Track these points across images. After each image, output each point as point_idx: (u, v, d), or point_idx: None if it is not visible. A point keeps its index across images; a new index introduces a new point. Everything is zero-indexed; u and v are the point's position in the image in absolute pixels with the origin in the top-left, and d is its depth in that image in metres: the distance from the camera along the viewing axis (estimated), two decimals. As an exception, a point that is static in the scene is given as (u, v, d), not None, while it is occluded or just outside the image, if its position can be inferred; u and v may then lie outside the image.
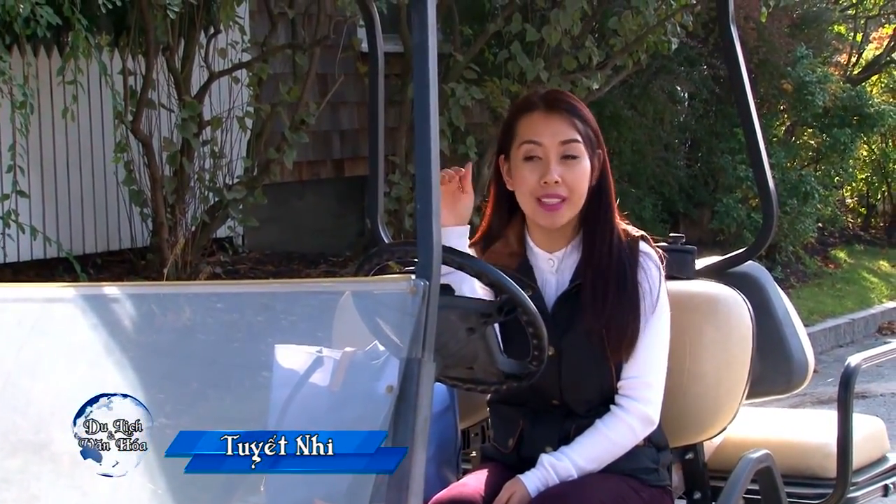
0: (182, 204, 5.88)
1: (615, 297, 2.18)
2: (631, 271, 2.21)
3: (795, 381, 2.60)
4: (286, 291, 1.90)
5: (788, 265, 8.58)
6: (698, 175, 9.06)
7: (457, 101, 6.35)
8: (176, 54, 5.85)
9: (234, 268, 6.41)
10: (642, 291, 2.20)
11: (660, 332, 2.21)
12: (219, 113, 6.15)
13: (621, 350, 2.19)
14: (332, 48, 6.62)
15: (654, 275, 2.22)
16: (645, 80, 8.46)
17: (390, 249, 2.07)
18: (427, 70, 1.65)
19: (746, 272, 2.64)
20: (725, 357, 2.36)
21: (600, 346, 2.20)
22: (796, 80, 8.67)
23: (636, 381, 2.20)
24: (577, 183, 2.22)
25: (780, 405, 3.99)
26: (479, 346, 1.91)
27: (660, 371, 2.22)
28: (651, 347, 2.20)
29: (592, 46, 6.55)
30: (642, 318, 2.19)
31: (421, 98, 1.66)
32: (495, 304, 1.89)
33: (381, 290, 1.77)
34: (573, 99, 2.28)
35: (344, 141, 7.50)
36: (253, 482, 1.51)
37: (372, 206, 2.70)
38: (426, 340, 1.62)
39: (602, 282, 2.20)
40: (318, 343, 1.96)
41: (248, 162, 6.15)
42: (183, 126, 5.73)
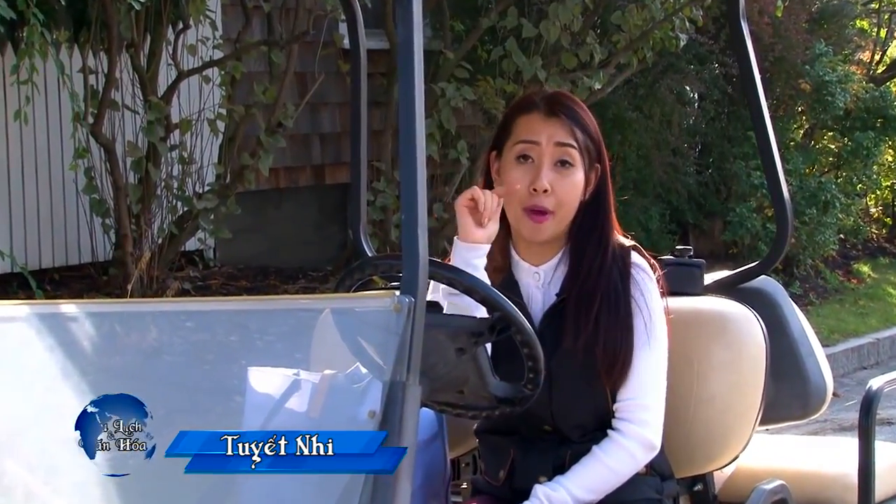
0: (148, 214, 5.89)
1: (604, 315, 2.20)
2: (623, 286, 2.23)
3: (812, 406, 2.62)
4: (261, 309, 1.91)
5: (807, 280, 8.62)
6: (709, 182, 9.09)
7: (447, 103, 6.38)
8: (141, 51, 5.86)
9: (205, 283, 6.41)
10: (636, 307, 2.22)
11: (656, 350, 2.23)
12: (188, 115, 6.16)
13: (614, 371, 2.20)
14: (311, 45, 6.64)
15: (648, 288, 2.24)
16: (651, 79, 8.50)
17: (374, 263, 2.08)
18: (413, 69, 1.67)
19: (759, 288, 2.65)
20: (736, 379, 2.37)
21: (592, 366, 2.21)
22: (815, 80, 8.72)
23: (632, 403, 2.22)
24: (566, 195, 2.24)
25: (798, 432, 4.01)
26: (470, 368, 1.92)
27: (658, 391, 2.23)
28: (647, 366, 2.21)
29: (594, 43, 6.59)
30: (636, 335, 2.21)
31: (406, 99, 1.67)
32: (487, 323, 1.90)
33: (363, 308, 1.78)
34: (577, 105, 2.30)
35: (325, 145, 7.52)
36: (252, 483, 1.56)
37: (354, 216, 2.72)
38: (412, 362, 1.64)
39: (588, 296, 2.21)
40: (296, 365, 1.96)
41: (220, 168, 6.16)
42: (149, 129, 5.74)
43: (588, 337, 2.20)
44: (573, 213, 2.26)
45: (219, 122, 6.12)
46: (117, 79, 5.74)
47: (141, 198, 5.85)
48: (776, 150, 2.62)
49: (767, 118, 2.62)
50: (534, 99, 2.30)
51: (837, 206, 8.61)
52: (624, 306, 2.21)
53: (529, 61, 6.42)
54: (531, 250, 2.29)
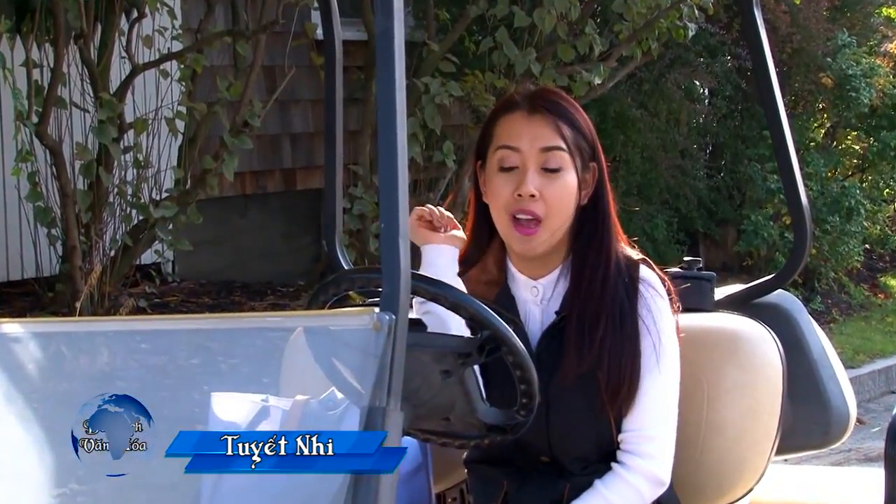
0: (99, 224, 5.88)
1: (609, 335, 2.20)
2: (630, 304, 2.23)
3: (834, 434, 2.63)
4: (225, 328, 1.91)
5: (830, 295, 8.66)
6: (721, 187, 9.14)
7: (431, 99, 6.40)
8: (91, 43, 5.87)
9: (163, 300, 6.40)
10: (644, 327, 2.22)
11: (666, 376, 2.23)
12: (144, 114, 6.16)
13: (619, 398, 2.21)
14: (280, 35, 6.66)
15: (658, 306, 2.25)
16: (657, 73, 8.55)
17: (350, 277, 2.09)
18: (393, 62, 1.68)
19: (775, 303, 2.67)
20: (750, 404, 2.39)
21: (594, 391, 2.22)
22: (837, 74, 8.77)
23: (639, 435, 2.22)
24: (556, 200, 2.24)
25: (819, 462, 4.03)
26: (457, 393, 1.93)
27: (668, 422, 2.24)
28: (656, 394, 2.22)
29: (594, 34, 6.62)
30: (644, 359, 2.21)
31: (386, 95, 1.68)
32: (475, 343, 1.91)
33: (338, 326, 1.79)
34: (564, 99, 2.30)
35: (296, 147, 7.53)
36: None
37: (329, 225, 2.73)
38: (392, 385, 1.64)
39: (591, 315, 2.22)
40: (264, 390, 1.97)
41: (180, 173, 6.16)
42: (100, 129, 5.74)
43: (591, 360, 2.20)
44: (568, 221, 2.26)
45: (178, 121, 6.13)
46: (65, 73, 5.74)
47: (91, 206, 5.84)
48: (793, 152, 2.64)
49: (784, 116, 2.63)
50: (515, 98, 2.30)
51: (862, 212, 8.65)
52: (631, 326, 2.22)
53: (522, 54, 6.45)
54: (529, 263, 2.30)
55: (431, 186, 6.87)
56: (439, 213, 2.30)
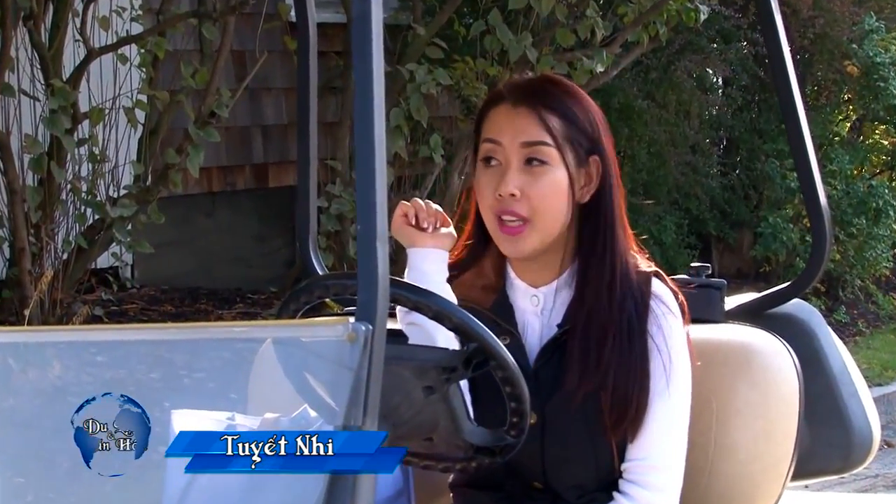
0: (50, 223, 5.88)
1: (616, 353, 2.20)
2: (639, 320, 2.23)
3: (855, 457, 2.65)
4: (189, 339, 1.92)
5: (855, 305, 8.69)
6: (736, 186, 9.16)
7: (417, 88, 6.41)
8: (42, 24, 5.87)
9: (121, 308, 6.39)
10: (653, 347, 2.22)
11: (676, 401, 2.23)
12: (100, 103, 6.16)
13: (624, 422, 2.21)
14: (251, 17, 6.66)
15: (670, 324, 2.24)
16: (665, 61, 8.57)
17: (323, 284, 2.10)
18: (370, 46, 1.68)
19: (792, 314, 2.68)
20: (763, 425, 2.40)
21: (596, 413, 2.22)
22: (864, 62, 8.79)
23: (644, 465, 2.22)
24: (540, 199, 2.23)
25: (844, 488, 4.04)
26: (441, 411, 1.94)
27: (676, 452, 2.23)
28: (664, 420, 2.22)
29: (596, 17, 6.63)
30: (653, 381, 2.21)
31: (363, 83, 1.69)
32: (461, 356, 1.92)
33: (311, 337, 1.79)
34: (558, 87, 2.29)
35: (268, 140, 7.54)
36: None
37: (303, 226, 2.74)
38: (369, 402, 1.65)
39: (598, 330, 2.22)
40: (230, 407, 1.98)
41: (140, 167, 6.16)
42: (52, 120, 5.74)
43: (596, 380, 2.20)
44: (561, 220, 2.25)
45: (137, 111, 6.12)
46: (12, 58, 5.73)
47: (41, 204, 5.84)
48: (811, 147, 2.65)
49: (801, 108, 2.65)
50: (501, 89, 2.31)
51: (892, 214, 8.67)
52: (639, 345, 2.22)
53: (516, 38, 6.45)
54: (529, 267, 2.30)
55: (417, 184, 6.87)
56: (426, 209, 2.29)
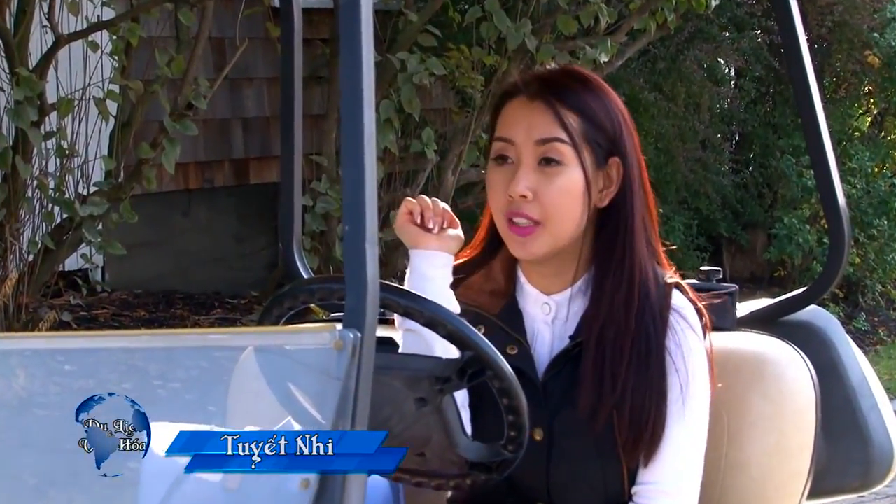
0: (15, 222, 5.88)
1: (634, 371, 2.21)
2: (657, 335, 2.23)
3: (875, 474, 2.65)
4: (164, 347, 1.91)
5: (876, 312, 8.70)
6: (749, 184, 9.18)
7: (408, 79, 6.42)
8: (7, 9, 5.86)
9: (90, 314, 6.39)
10: (671, 364, 2.23)
11: (693, 424, 2.23)
12: (69, 93, 6.16)
13: (640, 445, 2.21)
14: (231, 2, 6.66)
15: (689, 341, 2.25)
16: (674, 50, 8.59)
17: (308, 288, 2.10)
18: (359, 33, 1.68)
19: (808, 321, 2.69)
20: (777, 439, 2.40)
21: (608, 433, 2.21)
22: (886, 52, 8.82)
23: (656, 489, 2.22)
24: (553, 202, 2.24)
25: (862, 508, 4.05)
26: (434, 424, 1.94)
27: (691, 477, 2.24)
28: (680, 443, 2.22)
29: (600, 3, 6.65)
30: (670, 402, 2.21)
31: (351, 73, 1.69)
32: (456, 365, 1.92)
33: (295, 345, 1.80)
34: (579, 81, 2.29)
35: (249, 133, 7.54)
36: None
37: (286, 225, 2.73)
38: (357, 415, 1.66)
39: (614, 345, 2.22)
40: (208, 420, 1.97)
41: (111, 163, 6.16)
42: (17, 111, 5.74)
43: (612, 398, 2.20)
44: (576, 224, 2.26)
45: (109, 102, 6.12)
46: (-24, 45, 5.74)
47: (6, 201, 5.84)
48: (828, 142, 2.65)
49: (817, 100, 2.64)
50: (516, 82, 2.32)
51: (915, 215, 8.70)
52: (657, 362, 2.22)
53: (515, 26, 6.47)
54: (541, 272, 2.31)
55: (409, 181, 6.88)
56: (433, 207, 2.29)
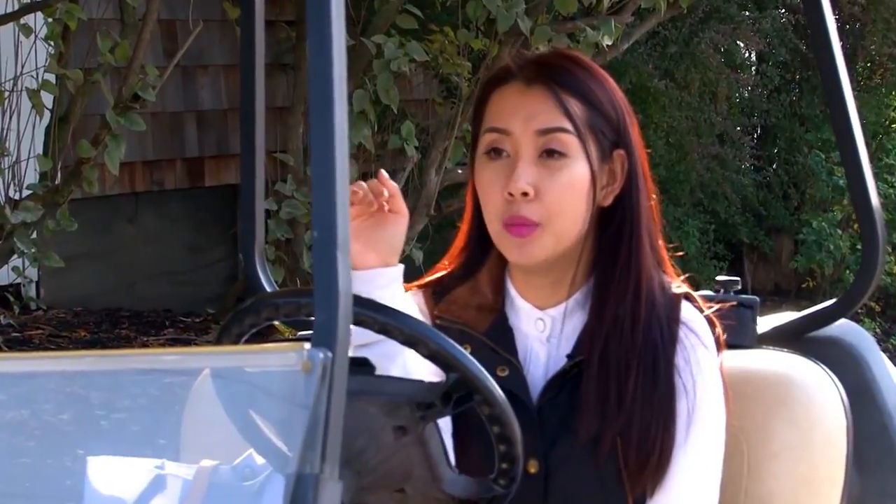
0: (-62, 231, 5.88)
1: (640, 392, 2.21)
2: (666, 350, 2.24)
3: (914, 510, 2.67)
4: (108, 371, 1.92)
5: (917, 327, 8.74)
6: (773, 183, 9.20)
7: (385, 65, 6.42)
8: (-71, -11, 5.87)
9: (24, 334, 6.39)
10: (679, 384, 2.24)
11: (704, 451, 2.25)
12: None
13: (645, 473, 2.22)
14: (183, -21, 6.67)
15: (699, 358, 2.26)
16: (687, 32, 8.61)
17: (273, 302, 2.10)
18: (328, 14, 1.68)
19: (838, 338, 2.70)
20: (805, 471, 2.41)
21: (610, 461, 2.23)
22: (926, 33, 8.87)
23: None
24: (557, 200, 2.24)
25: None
26: (415, 456, 1.95)
27: None
28: (690, 472, 2.23)
29: (602, -22, 6.67)
30: (678, 426, 2.23)
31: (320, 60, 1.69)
32: (440, 389, 1.93)
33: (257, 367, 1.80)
34: (578, 65, 2.30)
35: (204, 129, 7.54)
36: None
37: (247, 232, 2.73)
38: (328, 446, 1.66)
39: (618, 363, 2.22)
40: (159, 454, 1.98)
41: (47, 163, 6.16)
42: (-60, 105, 5.75)
43: (617, 423, 2.21)
44: (578, 225, 2.26)
45: (44, 93, 6.12)
46: None
47: (-73, 207, 5.84)
48: (860, 137, 2.66)
49: (847, 88, 2.65)
50: (510, 66, 2.31)
51: (960, 217, 8.73)
52: (664, 382, 2.23)
53: (506, 5, 6.47)
54: (534, 284, 2.31)
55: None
56: (362, 193, 2.21)
